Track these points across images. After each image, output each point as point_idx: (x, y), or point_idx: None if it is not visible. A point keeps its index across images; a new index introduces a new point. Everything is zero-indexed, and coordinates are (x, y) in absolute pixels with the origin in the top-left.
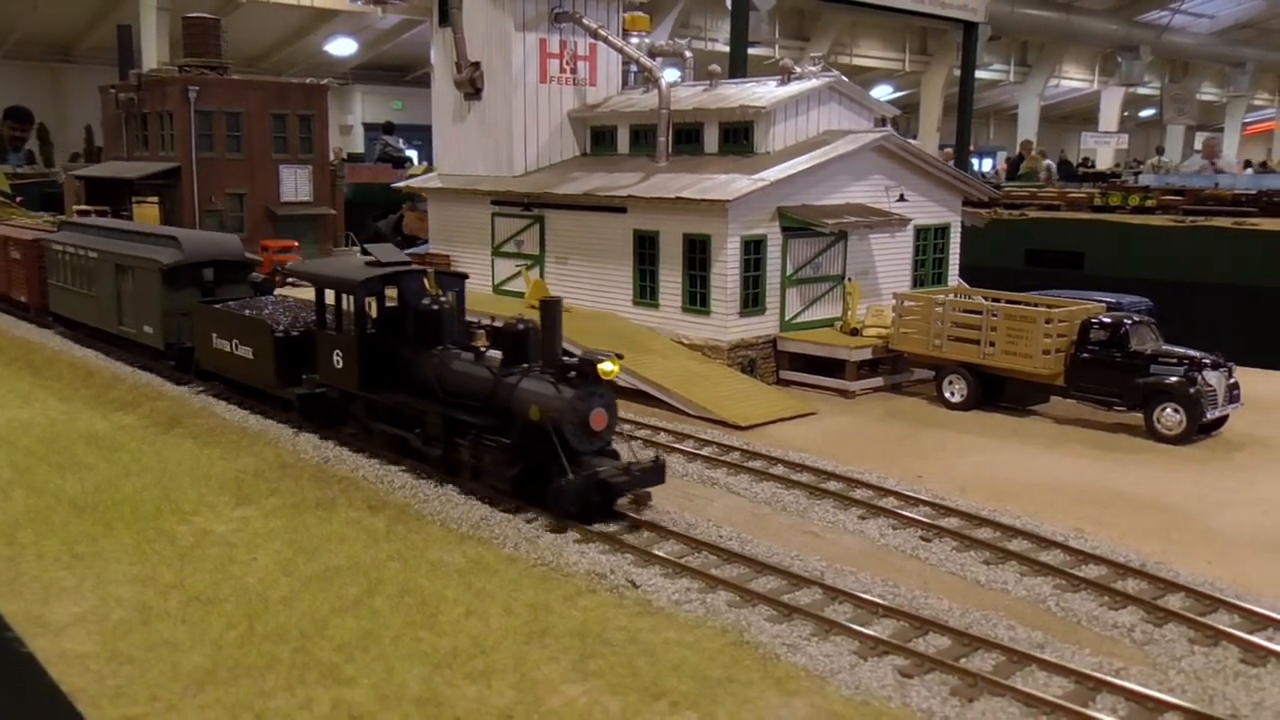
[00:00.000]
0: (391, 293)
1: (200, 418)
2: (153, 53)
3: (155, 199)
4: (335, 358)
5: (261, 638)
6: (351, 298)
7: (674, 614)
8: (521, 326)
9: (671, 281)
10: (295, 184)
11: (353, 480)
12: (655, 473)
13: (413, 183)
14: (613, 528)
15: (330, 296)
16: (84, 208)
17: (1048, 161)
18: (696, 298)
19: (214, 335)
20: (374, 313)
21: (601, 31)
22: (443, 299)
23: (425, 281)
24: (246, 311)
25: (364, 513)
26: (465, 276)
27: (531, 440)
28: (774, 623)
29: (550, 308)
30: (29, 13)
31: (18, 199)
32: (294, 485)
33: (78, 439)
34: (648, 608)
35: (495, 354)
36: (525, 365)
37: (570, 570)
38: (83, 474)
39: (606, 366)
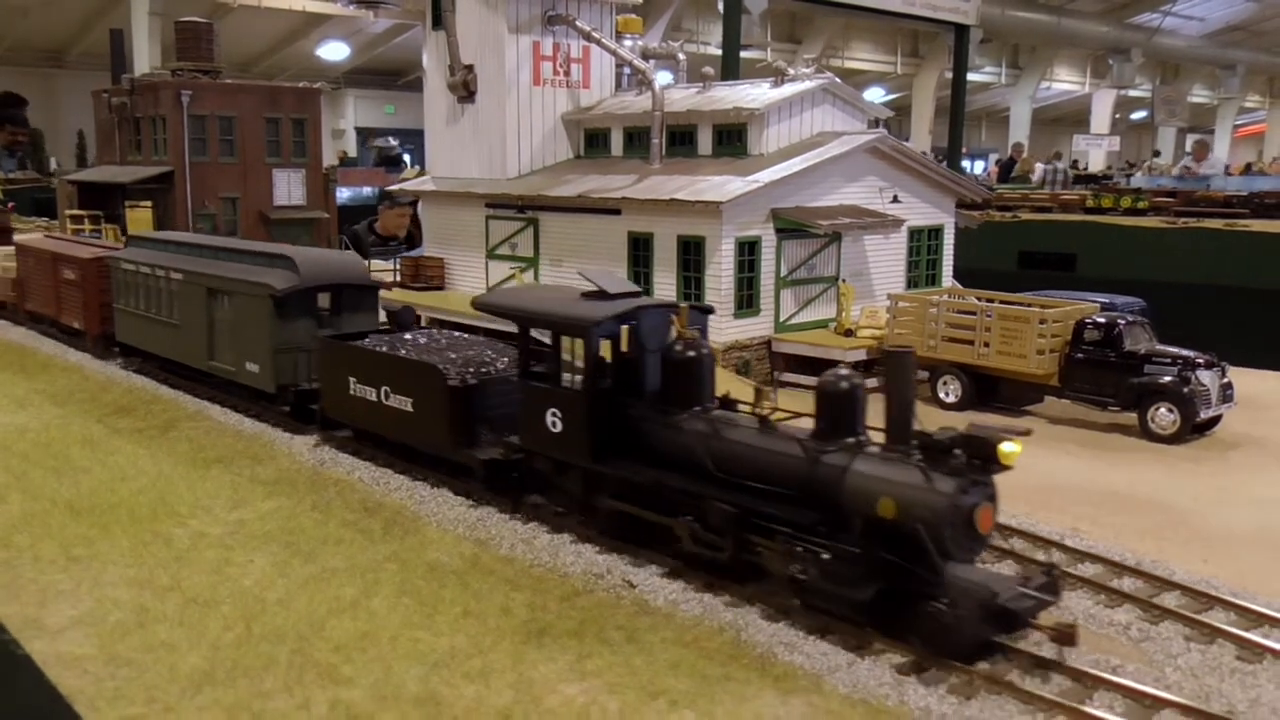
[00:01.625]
0: (626, 333)
1: (195, 421)
2: (144, 58)
3: (148, 203)
4: (550, 418)
5: (259, 639)
6: (581, 341)
7: (671, 613)
8: (845, 384)
9: (666, 283)
10: (288, 188)
11: (348, 482)
12: (1051, 587)
13: (406, 185)
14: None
15: (544, 337)
16: (77, 213)
17: (1060, 164)
18: (691, 299)
19: (351, 380)
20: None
21: (595, 34)
22: (702, 344)
23: (673, 318)
24: (402, 351)
25: (360, 514)
26: (710, 310)
27: (880, 546)
28: (771, 621)
29: (899, 362)
30: (20, 19)
31: (9, 204)
32: (290, 488)
33: (73, 443)
34: (645, 607)
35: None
36: (853, 438)
37: (567, 570)
38: (78, 478)
39: (1008, 448)
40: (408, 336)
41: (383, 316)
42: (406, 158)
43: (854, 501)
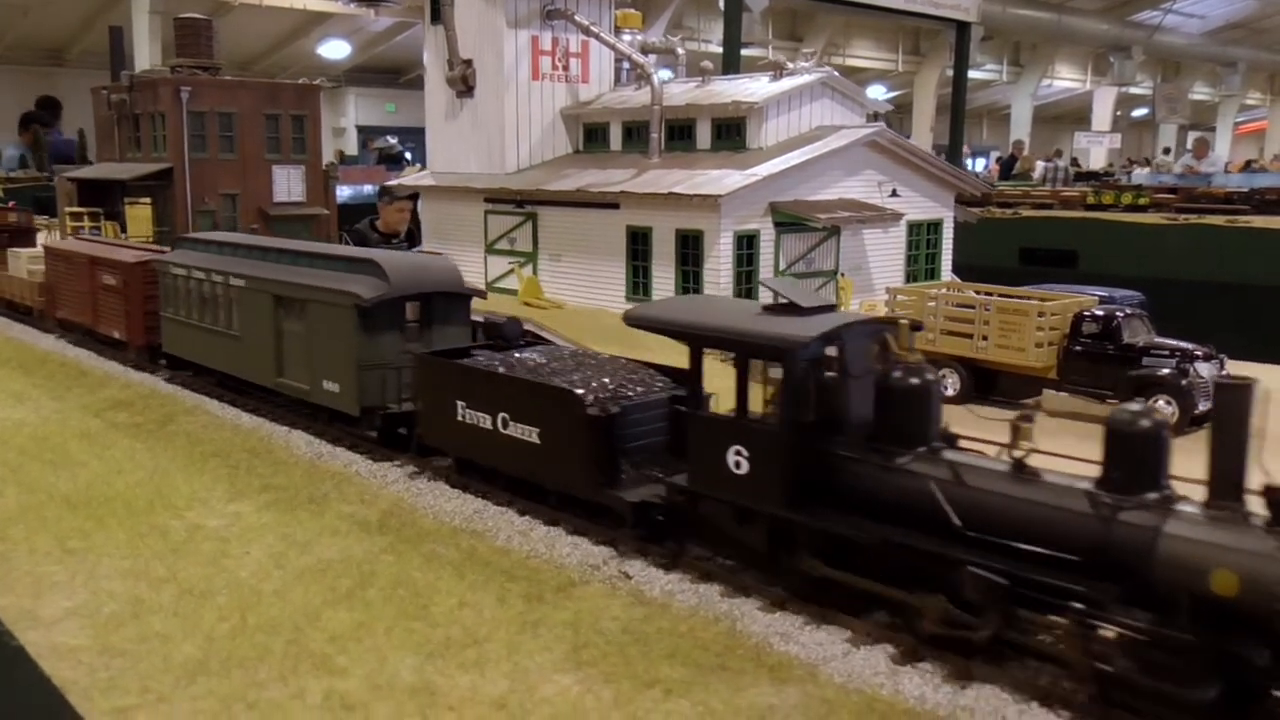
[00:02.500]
0: (830, 356)
1: (193, 415)
2: (145, 56)
3: (148, 200)
4: (733, 458)
5: (254, 629)
6: (782, 367)
7: (667, 604)
8: (1146, 423)
9: (664, 277)
10: (288, 184)
11: (345, 475)
12: None
13: (406, 180)
14: None
15: (724, 360)
16: (77, 210)
17: (1059, 163)
18: (689, 293)
19: (458, 404)
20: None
21: (594, 28)
22: (925, 368)
23: (890, 338)
24: (521, 371)
25: (357, 506)
26: (919, 327)
27: (1218, 631)
28: (766, 612)
29: (1238, 395)
30: (20, 17)
31: (10, 203)
32: (287, 480)
33: (70, 436)
34: (641, 598)
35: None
36: (1159, 492)
37: (563, 562)
38: (75, 471)
39: None
40: (521, 354)
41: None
42: (408, 155)
43: (1173, 574)
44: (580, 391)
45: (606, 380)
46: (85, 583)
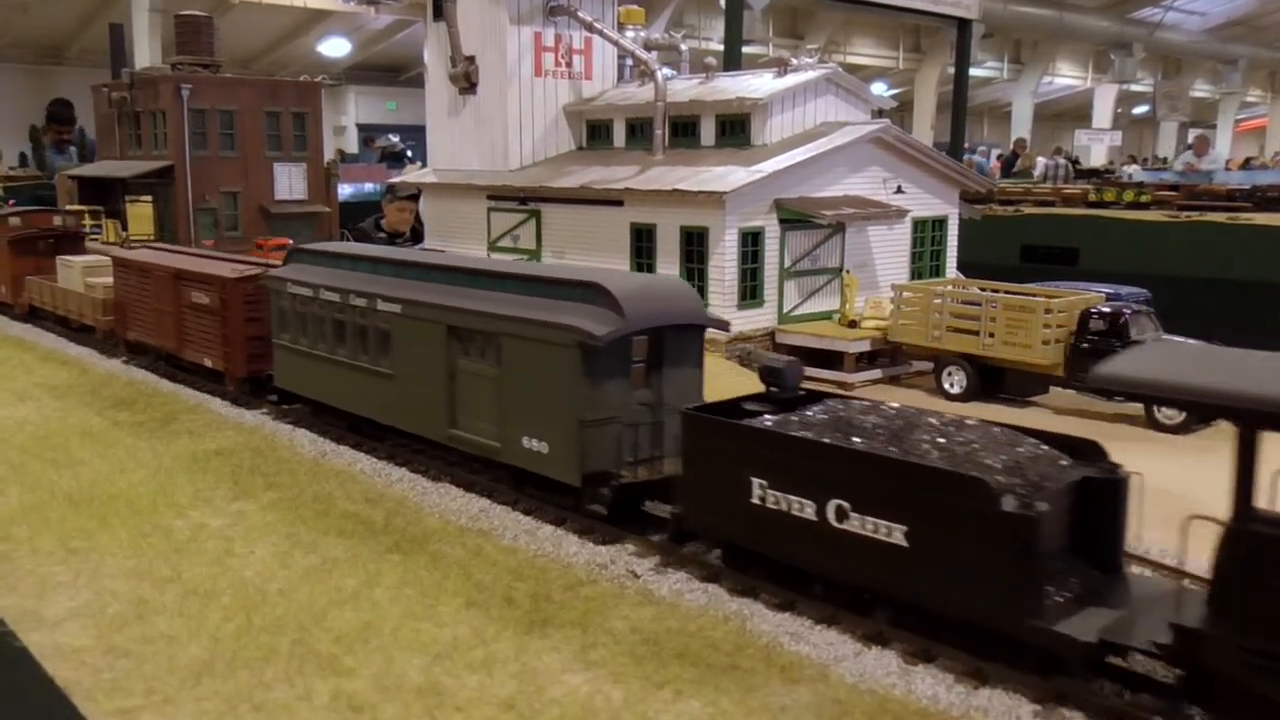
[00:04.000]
0: None
1: (196, 414)
2: (145, 54)
3: (149, 198)
4: None
5: (259, 629)
6: None
7: (676, 603)
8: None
9: (669, 273)
10: (289, 182)
11: (350, 474)
12: None
13: (408, 178)
14: None
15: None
16: (78, 208)
17: (1060, 160)
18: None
19: (754, 482)
20: None
21: (597, 25)
22: None
23: None
24: (884, 447)
25: (362, 505)
26: None
27: None
28: (777, 611)
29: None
30: (19, 15)
31: (10, 201)
32: (291, 479)
33: (72, 435)
34: (650, 597)
35: None
36: None
37: (570, 561)
38: (77, 470)
39: None
40: (817, 411)
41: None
42: (409, 154)
43: None
44: (990, 477)
45: (995, 456)
46: (88, 583)
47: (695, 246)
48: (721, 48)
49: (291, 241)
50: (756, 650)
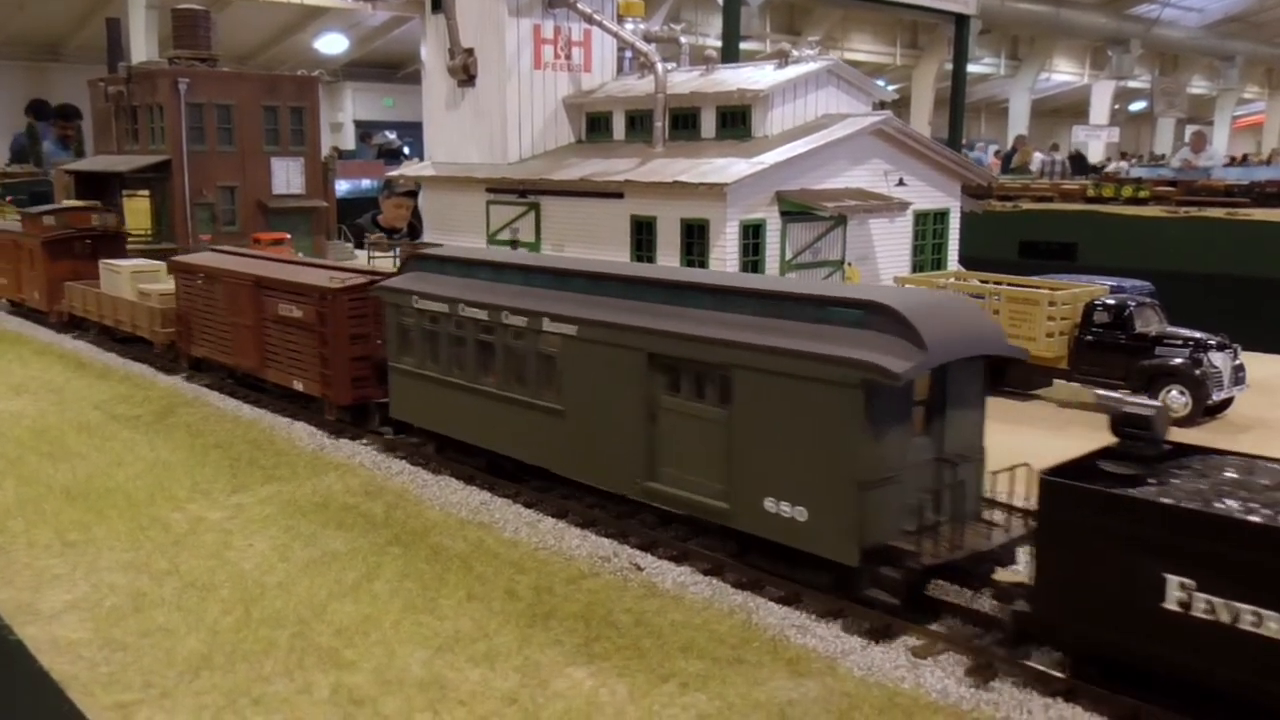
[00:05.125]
0: None
1: (194, 407)
2: (141, 49)
3: (146, 193)
4: None
5: (258, 623)
6: None
7: (680, 596)
8: None
9: (669, 266)
10: (287, 176)
11: (349, 466)
12: None
13: (407, 171)
14: None
15: None
16: (75, 203)
17: (1058, 156)
18: None
19: (1173, 582)
20: None
21: (596, 17)
22: None
23: None
24: None
25: (361, 498)
26: None
27: None
28: (782, 604)
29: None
30: (16, 12)
31: (8, 198)
32: (289, 472)
33: (69, 428)
34: (653, 590)
35: None
36: None
37: (572, 553)
38: (74, 463)
39: None
40: (1219, 477)
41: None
42: (406, 150)
43: None
44: None
45: None
46: (85, 576)
47: (696, 239)
48: (719, 44)
49: (289, 237)
50: (762, 643)
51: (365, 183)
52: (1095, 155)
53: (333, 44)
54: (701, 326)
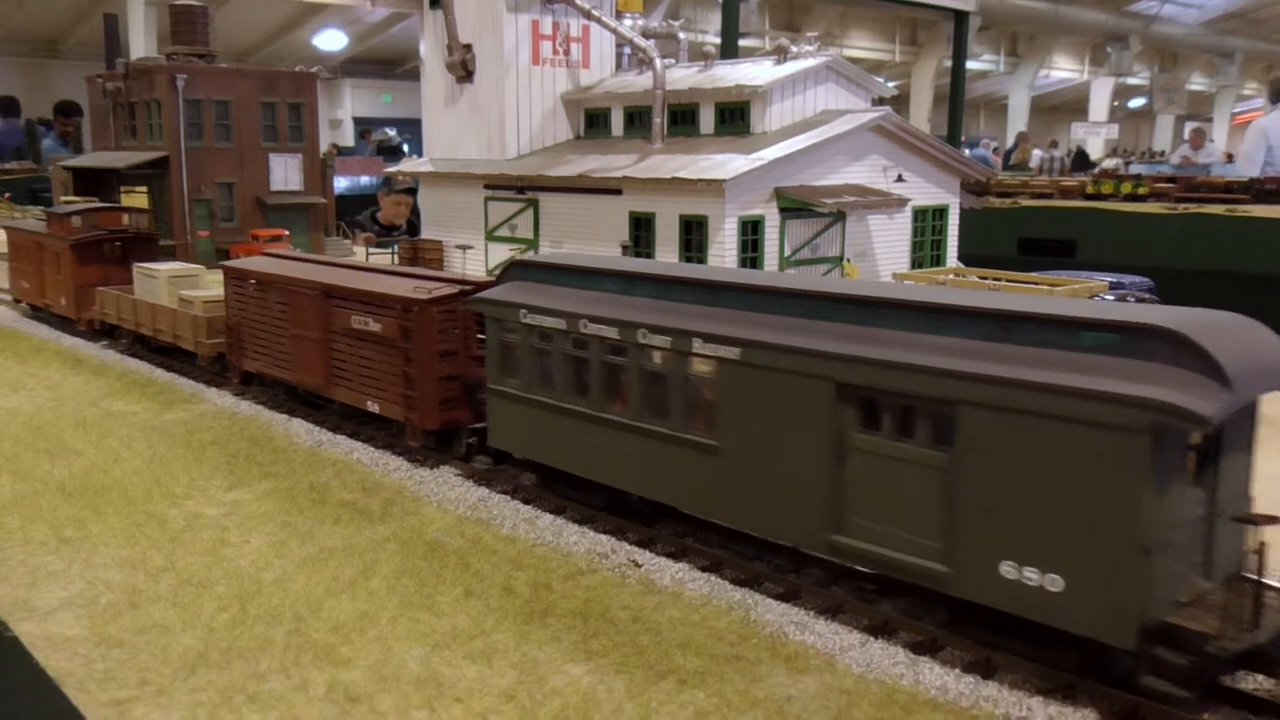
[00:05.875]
0: None
1: (191, 404)
2: (139, 46)
3: (144, 189)
4: None
5: (255, 620)
6: None
7: (679, 593)
8: None
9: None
10: (285, 173)
11: (346, 463)
12: None
13: (405, 167)
14: None
15: None
16: (72, 199)
17: (1057, 152)
18: None
19: None
20: None
21: (594, 13)
22: None
23: None
24: None
25: (359, 495)
26: None
27: None
28: (780, 601)
29: None
30: (14, 9)
31: (5, 195)
32: (287, 469)
33: (66, 425)
34: (651, 586)
35: None
36: None
37: (570, 550)
38: (71, 459)
39: None
40: None
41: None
42: (405, 148)
43: None
44: None
45: None
46: (81, 572)
47: (694, 235)
48: (718, 40)
49: (287, 233)
50: (761, 640)
51: (364, 180)
52: (1096, 152)
53: (331, 40)
54: (910, 352)
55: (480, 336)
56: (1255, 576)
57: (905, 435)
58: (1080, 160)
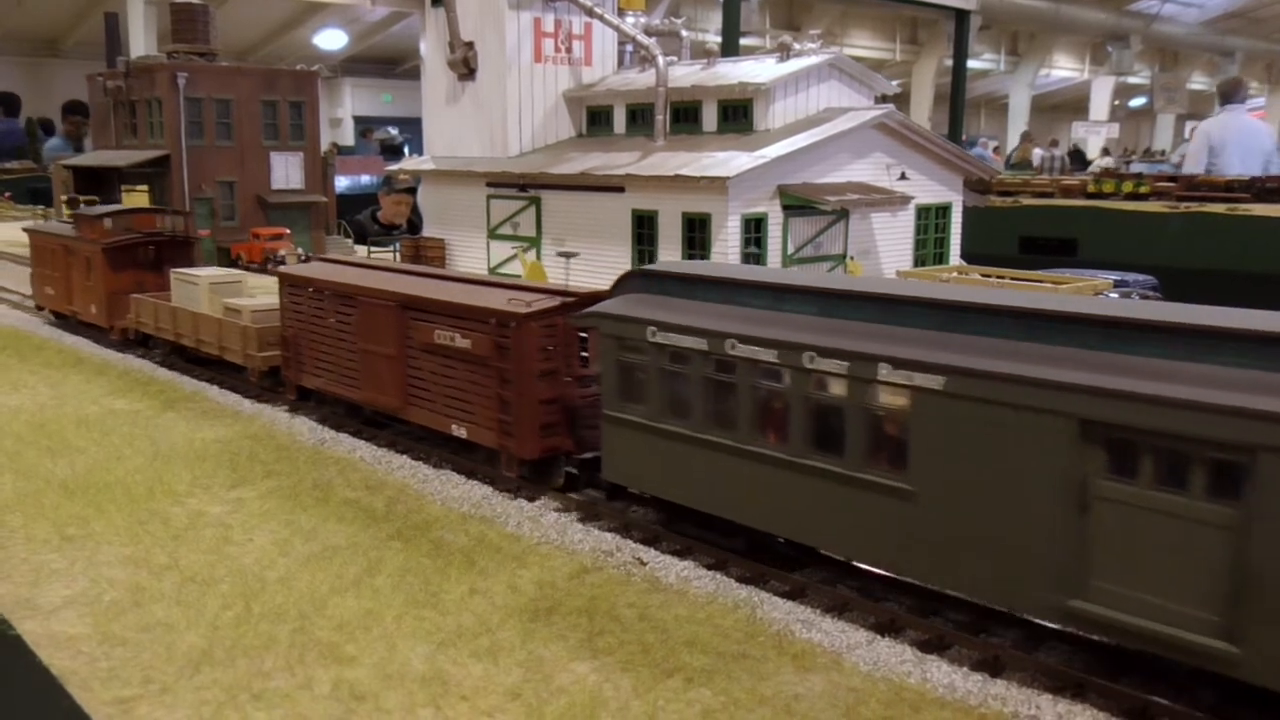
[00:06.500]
0: None
1: (193, 402)
2: (140, 44)
3: (144, 187)
4: None
5: (259, 618)
6: None
7: (684, 590)
8: None
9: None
10: (286, 171)
11: (350, 461)
12: None
13: (406, 165)
14: None
15: None
16: (74, 197)
17: (1057, 151)
18: None
19: None
20: None
21: (597, 10)
22: None
23: None
24: None
25: (362, 493)
26: None
27: None
28: (786, 599)
29: None
30: (14, 8)
31: (5, 194)
32: (290, 467)
33: (68, 423)
34: (656, 584)
35: None
36: None
37: (575, 548)
38: (73, 457)
39: None
40: None
41: None
42: (406, 148)
43: None
44: None
45: None
46: (84, 570)
47: (697, 233)
48: (718, 39)
49: (288, 232)
50: (767, 638)
51: (364, 179)
52: (1095, 151)
53: (332, 39)
54: (1184, 386)
55: (583, 354)
56: None
57: (1174, 484)
58: (1077, 159)
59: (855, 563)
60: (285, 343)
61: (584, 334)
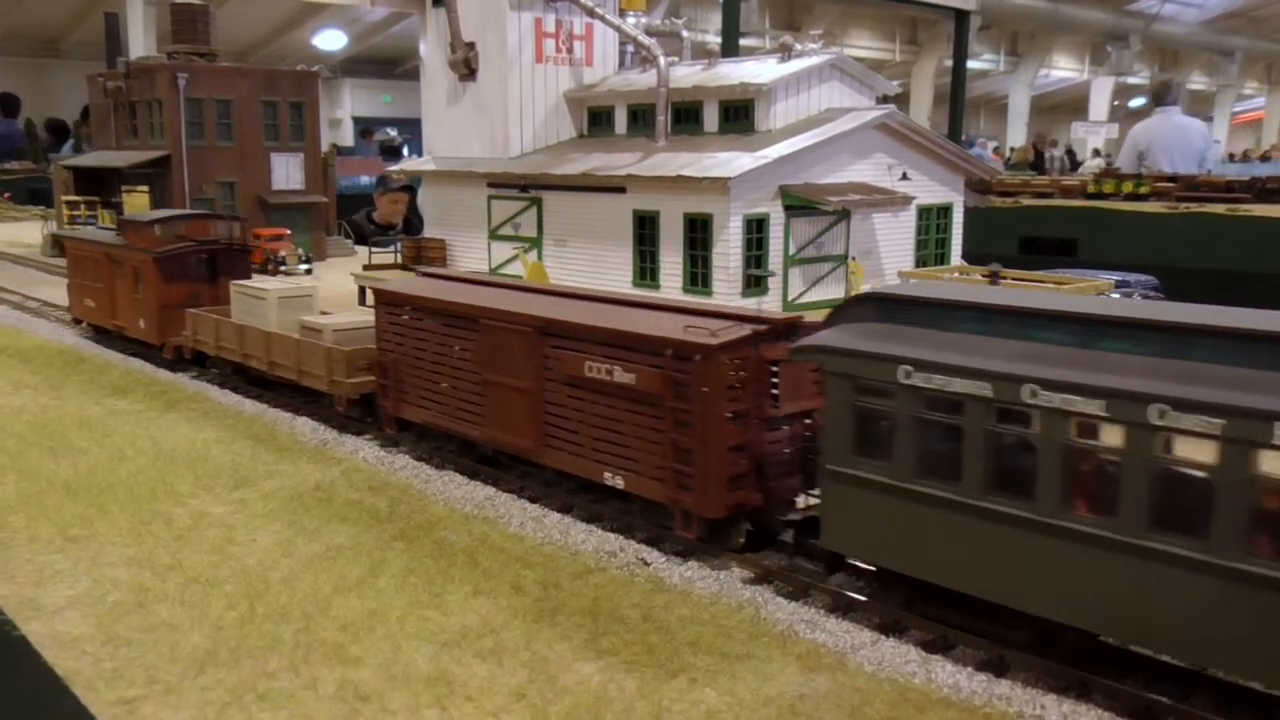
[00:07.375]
0: None
1: (195, 402)
2: (139, 45)
3: (145, 188)
4: None
5: (263, 618)
6: None
7: (688, 591)
8: None
9: (672, 262)
10: (287, 172)
11: (352, 462)
12: None
13: (406, 166)
14: None
15: None
16: (74, 199)
17: (1057, 152)
18: (697, 278)
19: None
20: None
21: (598, 10)
22: None
23: None
24: None
25: (365, 493)
26: None
27: None
28: (790, 599)
29: None
30: (14, 8)
31: (5, 194)
32: (292, 467)
33: (70, 424)
34: (660, 585)
35: None
36: None
37: (579, 548)
38: (76, 458)
39: None
40: None
41: None
42: (406, 149)
43: None
44: None
45: None
46: (88, 571)
47: (699, 234)
48: (717, 39)
49: (289, 232)
50: (772, 638)
51: (364, 179)
52: (1087, 153)
53: (331, 40)
54: None
55: (773, 392)
56: None
57: None
58: (1073, 159)
59: (1242, 682)
60: (381, 369)
61: (775, 366)
